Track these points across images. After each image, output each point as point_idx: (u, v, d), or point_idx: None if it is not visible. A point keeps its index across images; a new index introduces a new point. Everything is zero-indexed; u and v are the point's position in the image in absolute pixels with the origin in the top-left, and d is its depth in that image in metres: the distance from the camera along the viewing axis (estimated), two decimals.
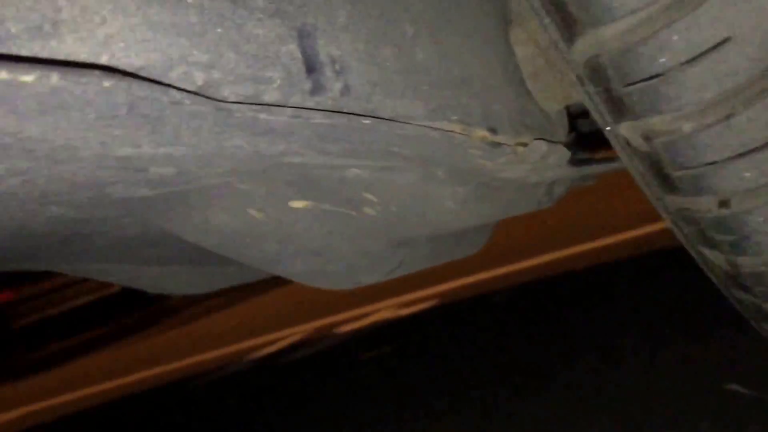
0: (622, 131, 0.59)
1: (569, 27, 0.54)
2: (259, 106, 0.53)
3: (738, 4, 0.47)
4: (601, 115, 0.61)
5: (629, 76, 0.53)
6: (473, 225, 0.93)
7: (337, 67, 0.60)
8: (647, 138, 0.57)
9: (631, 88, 0.54)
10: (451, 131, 0.70)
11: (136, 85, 0.44)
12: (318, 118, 0.58)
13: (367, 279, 0.93)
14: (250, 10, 0.54)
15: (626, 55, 0.52)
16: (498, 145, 0.76)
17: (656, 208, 0.70)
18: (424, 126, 0.67)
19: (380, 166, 0.74)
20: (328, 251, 0.84)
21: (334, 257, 0.85)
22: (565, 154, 0.82)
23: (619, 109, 0.57)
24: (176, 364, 3.30)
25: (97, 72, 0.42)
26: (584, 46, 0.54)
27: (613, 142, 0.64)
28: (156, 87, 0.46)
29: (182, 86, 0.48)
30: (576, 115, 0.96)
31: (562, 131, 0.88)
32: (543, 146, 0.78)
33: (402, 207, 0.81)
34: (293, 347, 2.82)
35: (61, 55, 0.42)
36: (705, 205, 0.59)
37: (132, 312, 5.56)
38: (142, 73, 0.46)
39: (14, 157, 0.48)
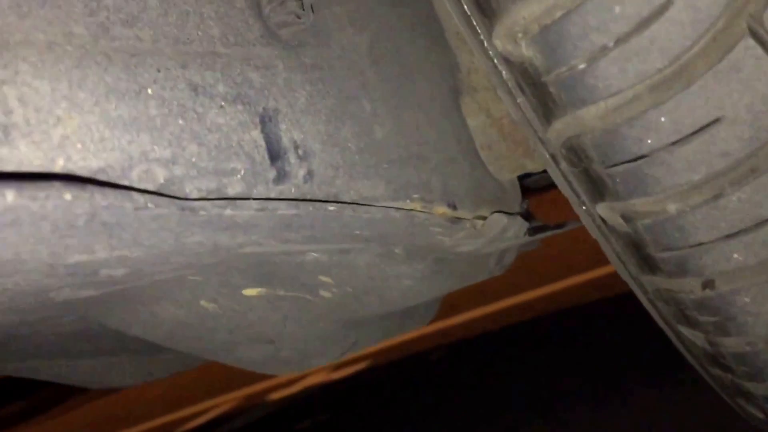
0: (600, 211, 0.57)
1: (548, 107, 0.51)
2: (224, 201, 0.49)
3: (729, 84, 0.46)
4: (575, 195, 0.59)
5: (612, 157, 0.51)
6: (427, 300, 0.90)
7: (300, 152, 0.56)
8: (628, 219, 0.55)
9: (613, 169, 0.52)
10: (413, 210, 0.67)
11: (98, 194, 0.39)
12: (283, 209, 0.53)
13: (319, 362, 0.88)
14: (211, 97, 0.50)
15: (610, 136, 0.50)
16: (458, 220, 0.73)
17: (630, 286, 0.68)
18: (387, 207, 0.64)
19: (339, 249, 0.70)
20: (282, 338, 0.79)
21: (287, 343, 0.80)
22: (523, 225, 0.80)
23: (599, 189, 0.55)
24: None
25: (56, 184, 0.37)
26: (563, 126, 0.52)
27: (585, 219, 0.62)
28: (118, 193, 0.41)
29: (143, 186, 0.44)
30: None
31: (516, 200, 0.86)
32: (503, 219, 0.75)
33: (358, 288, 0.77)
34: (223, 418, 2.70)
35: (12, 165, 0.36)
36: (688, 286, 0.57)
37: (41, 387, 5.25)
38: (101, 176, 0.41)
39: None
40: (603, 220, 0.58)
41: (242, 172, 0.51)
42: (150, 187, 0.44)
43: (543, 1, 0.47)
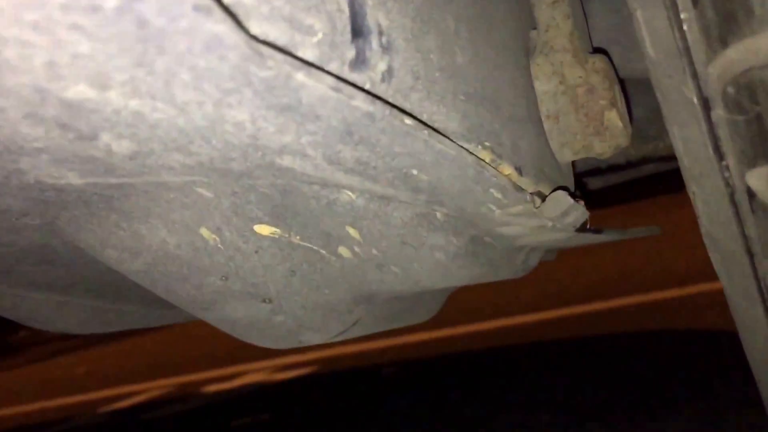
0: (752, 180, 0.44)
1: (732, 22, 0.38)
2: (298, 62, 0.34)
3: None
4: (717, 156, 0.45)
5: None
6: (450, 286, 0.76)
7: (383, 40, 0.42)
8: None
9: None
10: (482, 160, 0.53)
11: None
12: (359, 100, 0.39)
13: (311, 338, 0.72)
14: None
15: None
16: (520, 189, 0.59)
17: (739, 288, 0.55)
18: (459, 147, 0.50)
19: (381, 194, 0.55)
20: (282, 297, 0.64)
21: (286, 305, 0.65)
22: (584, 215, 0.67)
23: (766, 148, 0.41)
24: (15, 409, 2.86)
25: None
26: (747, 51, 0.38)
27: (711, 194, 0.49)
28: None
29: None
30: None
31: (570, 188, 0.72)
32: (567, 200, 0.62)
33: (386, 252, 0.63)
34: (155, 403, 2.48)
35: None
36: None
37: None
38: None
39: None
40: (750, 193, 0.45)
41: (319, 35, 0.37)
42: None
43: None
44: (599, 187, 1.25)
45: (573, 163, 0.77)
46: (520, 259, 0.81)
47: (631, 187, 1.27)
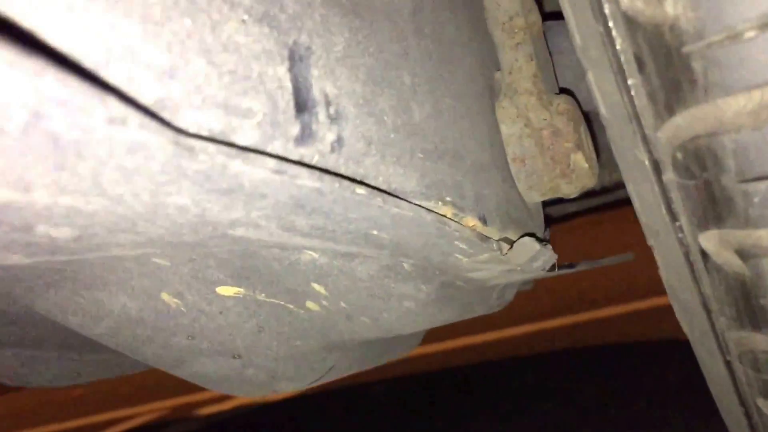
0: (704, 242, 0.42)
1: (677, 91, 0.36)
2: (234, 150, 0.32)
3: None
4: (671, 218, 0.44)
5: (757, 168, 0.36)
6: (423, 329, 0.74)
7: (331, 110, 0.40)
8: (747, 256, 0.40)
9: (753, 185, 0.37)
10: (443, 216, 0.52)
11: (54, 84, 0.23)
12: (304, 178, 0.37)
13: (286, 387, 0.70)
14: (231, 4, 0.33)
15: (761, 140, 0.35)
16: (485, 239, 0.58)
17: (698, 343, 0.53)
18: (419, 206, 0.48)
19: (344, 252, 0.53)
20: (251, 352, 0.62)
21: (256, 360, 0.63)
22: (553, 257, 0.65)
23: (717, 212, 0.40)
24: None
25: None
26: (692, 119, 0.37)
27: (668, 252, 0.47)
28: (88, 92, 0.24)
29: (125, 95, 0.27)
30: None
31: (539, 229, 0.71)
32: (534, 246, 0.60)
33: (354, 304, 0.61)
34: (148, 428, 2.45)
35: None
36: None
37: None
38: (63, 67, 0.25)
39: None
40: (704, 253, 0.43)
41: (259, 117, 0.35)
42: (135, 99, 0.28)
43: None
44: (574, 211, 1.23)
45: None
46: (494, 296, 0.79)
47: (606, 211, 1.26)
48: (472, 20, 0.65)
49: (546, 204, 0.80)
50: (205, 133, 0.32)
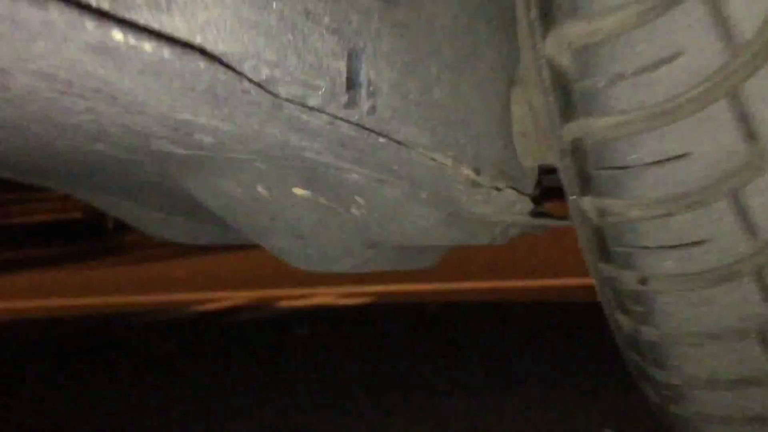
0: (583, 204, 0.68)
1: (568, 110, 0.62)
2: (304, 108, 0.60)
3: (703, 127, 0.56)
4: (570, 185, 0.69)
5: (602, 162, 0.62)
6: (436, 245, 1.01)
7: (371, 89, 0.67)
8: (601, 214, 0.66)
9: (601, 171, 0.62)
10: (444, 164, 0.78)
11: (222, 70, 0.51)
12: (345, 129, 0.64)
13: (335, 267, 1.00)
14: (317, 23, 0.60)
15: (605, 145, 0.60)
16: (477, 184, 0.84)
17: (590, 270, 0.79)
18: (425, 155, 0.75)
19: (376, 177, 0.81)
20: (311, 237, 0.90)
21: (314, 243, 0.92)
22: (528, 205, 0.91)
23: (587, 185, 0.65)
24: (118, 299, 3.30)
25: (198, 53, 0.48)
26: (575, 128, 0.62)
27: (572, 208, 0.73)
28: (235, 75, 0.52)
29: (251, 77, 0.55)
30: (544, 171, 1.04)
31: (531, 185, 0.96)
32: (513, 195, 0.86)
33: (383, 215, 0.88)
34: (233, 310, 2.86)
35: (167, 29, 0.48)
36: (628, 278, 0.68)
37: (86, 240, 5.52)
38: (224, 59, 0.52)
39: (98, 100, 0.53)
40: (583, 211, 0.69)
41: (323, 90, 0.62)
42: (255, 78, 0.55)
43: (592, 23, 0.57)
44: None
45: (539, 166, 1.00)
46: (497, 230, 1.05)
47: None
48: (504, 25, 0.90)
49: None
50: (290, 98, 0.60)
